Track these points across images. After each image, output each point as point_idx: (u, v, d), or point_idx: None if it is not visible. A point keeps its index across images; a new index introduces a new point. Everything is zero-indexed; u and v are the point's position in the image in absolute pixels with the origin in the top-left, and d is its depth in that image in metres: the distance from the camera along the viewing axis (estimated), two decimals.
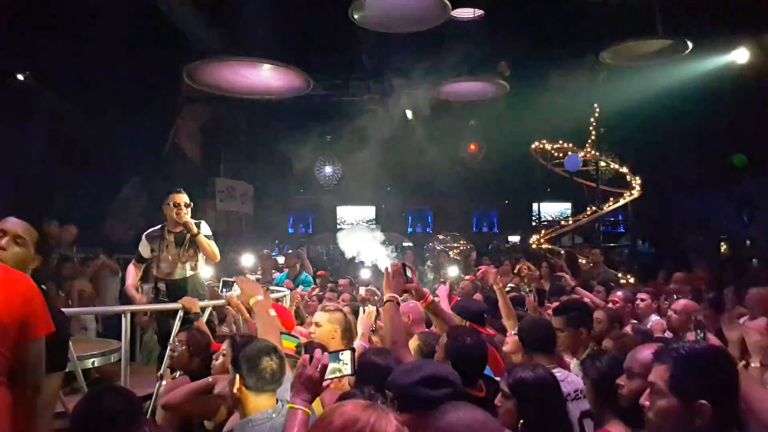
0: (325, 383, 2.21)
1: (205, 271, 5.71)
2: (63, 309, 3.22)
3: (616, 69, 11.05)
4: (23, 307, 2.16)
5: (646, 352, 2.34)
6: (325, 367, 2.18)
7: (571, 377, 3.10)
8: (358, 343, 3.51)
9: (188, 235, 5.18)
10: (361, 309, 3.69)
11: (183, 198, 5.23)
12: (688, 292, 6.20)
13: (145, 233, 5.40)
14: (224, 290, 4.39)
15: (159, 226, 5.36)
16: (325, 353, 2.25)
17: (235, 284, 3.42)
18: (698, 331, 2.39)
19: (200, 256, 5.31)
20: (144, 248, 5.33)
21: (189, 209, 5.24)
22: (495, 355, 3.49)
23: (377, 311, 3.67)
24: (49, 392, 2.25)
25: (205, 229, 5.33)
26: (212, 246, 5.24)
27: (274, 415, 2.36)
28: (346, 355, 2.31)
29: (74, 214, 10.38)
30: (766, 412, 2.13)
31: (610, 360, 2.64)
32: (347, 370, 2.30)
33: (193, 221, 5.21)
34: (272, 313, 3.06)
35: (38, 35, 9.57)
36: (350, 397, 2.17)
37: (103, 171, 11.72)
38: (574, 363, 3.69)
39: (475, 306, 4.19)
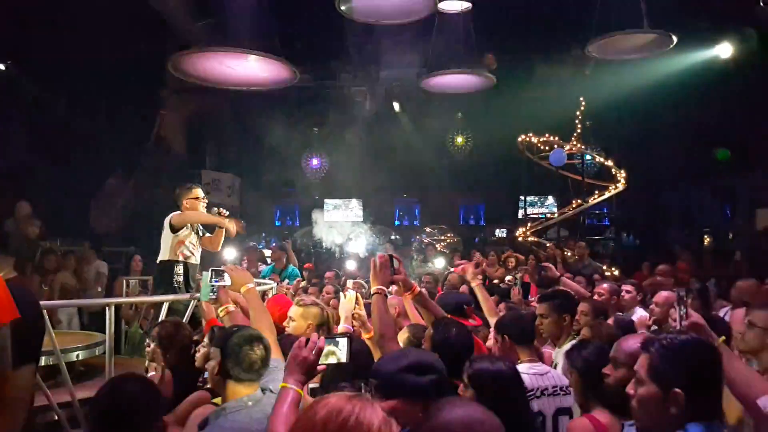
0: (319, 367, 2.22)
1: None
2: (49, 302, 3.19)
3: (602, 62, 11.09)
4: None
5: (631, 342, 2.37)
6: (320, 350, 2.19)
7: (551, 373, 3.12)
8: (342, 326, 3.52)
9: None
10: (341, 294, 3.70)
11: (200, 191, 5.59)
12: (671, 284, 6.26)
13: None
14: (215, 279, 4.38)
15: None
16: (322, 337, 2.26)
17: (225, 273, 3.42)
18: (681, 307, 2.41)
19: None
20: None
21: None
22: (480, 345, 3.51)
23: (356, 297, 3.69)
24: (21, 384, 2.18)
25: None
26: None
27: (249, 403, 2.36)
28: (342, 342, 2.32)
29: (57, 206, 10.29)
30: (742, 385, 2.21)
31: (596, 349, 2.66)
32: (342, 356, 2.31)
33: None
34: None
35: (20, 24, 9.43)
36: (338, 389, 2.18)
37: (87, 162, 11.60)
38: (555, 352, 3.72)
39: (455, 298, 4.21)
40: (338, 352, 2.30)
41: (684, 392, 1.76)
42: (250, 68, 9.64)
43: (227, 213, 5.54)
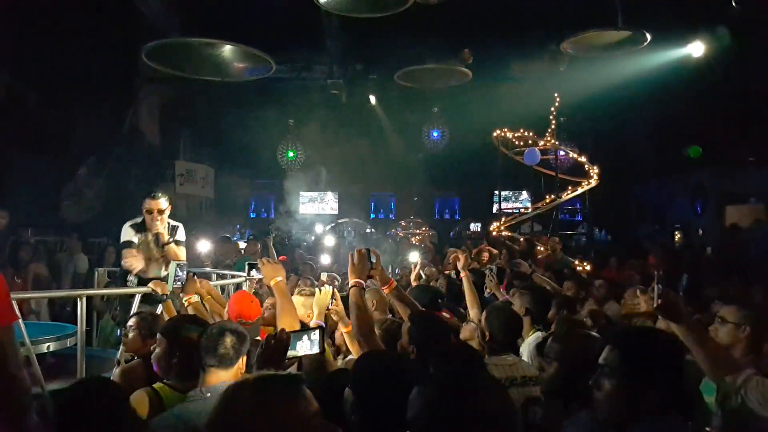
0: (288, 361, 2.23)
1: None
2: (18, 293, 3.16)
3: (577, 59, 11.20)
4: None
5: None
6: (287, 344, 2.20)
7: (521, 363, 3.17)
8: (314, 322, 3.55)
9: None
10: (317, 289, 3.73)
11: (158, 204, 5.09)
12: (638, 280, 6.38)
13: (129, 223, 5.23)
14: (253, 271, 4.47)
15: (141, 219, 5.21)
16: (289, 331, 2.27)
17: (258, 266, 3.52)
18: (658, 285, 2.45)
19: None
20: (131, 236, 5.17)
21: (166, 213, 5.15)
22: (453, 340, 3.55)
23: (333, 291, 3.71)
24: None
25: (180, 234, 5.28)
26: (179, 253, 5.16)
27: (208, 395, 2.38)
28: (313, 334, 2.33)
29: (28, 195, 10.12)
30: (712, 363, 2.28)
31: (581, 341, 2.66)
32: (314, 348, 2.32)
33: (169, 226, 5.17)
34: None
35: None
36: None
37: (59, 152, 11.41)
38: (525, 344, 3.78)
39: (430, 291, 4.26)
40: (310, 345, 2.31)
41: (653, 385, 1.79)
42: (225, 58, 9.57)
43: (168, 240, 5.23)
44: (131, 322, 3.63)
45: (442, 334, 2.91)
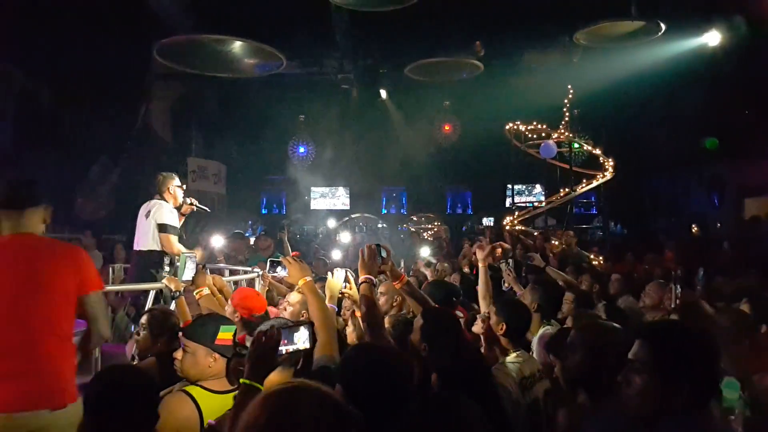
0: (281, 357, 2.20)
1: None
2: None
3: (591, 50, 11.08)
4: None
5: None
6: (277, 342, 2.17)
7: (532, 358, 3.14)
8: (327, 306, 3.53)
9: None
10: (329, 273, 3.69)
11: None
12: (658, 273, 6.29)
13: (171, 207, 5.49)
14: (279, 269, 4.44)
15: (168, 202, 5.48)
16: (280, 329, 2.24)
17: (282, 265, 3.46)
18: (677, 287, 2.39)
19: None
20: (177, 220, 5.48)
21: None
22: (468, 337, 3.50)
23: (346, 275, 3.68)
24: None
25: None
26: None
27: None
28: (303, 330, 2.31)
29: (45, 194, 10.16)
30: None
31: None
32: (304, 344, 2.31)
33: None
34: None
35: (4, 13, 9.27)
36: None
37: (72, 150, 11.48)
38: (535, 339, 3.73)
39: (444, 288, 4.21)
40: (299, 341, 2.30)
41: (686, 379, 1.75)
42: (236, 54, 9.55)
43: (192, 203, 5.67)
44: (143, 320, 3.60)
45: (454, 331, 2.86)
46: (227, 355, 2.67)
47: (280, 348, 2.21)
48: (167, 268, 5.27)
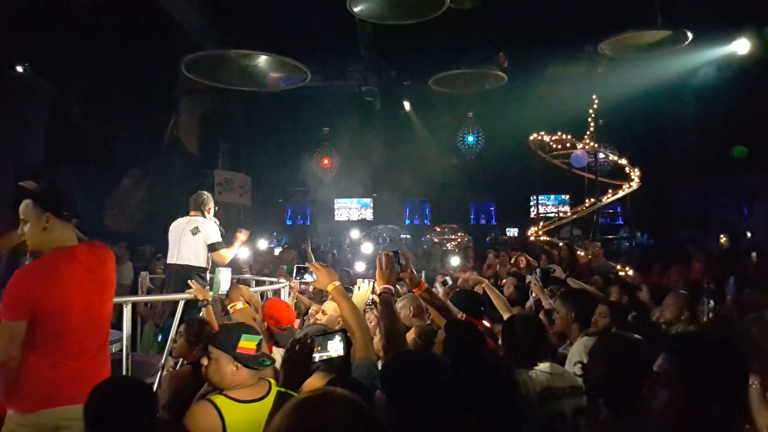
0: (314, 365, 2.23)
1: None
2: None
3: (615, 60, 11.00)
4: None
5: None
6: (311, 350, 2.20)
7: (567, 374, 3.07)
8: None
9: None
10: (355, 286, 3.70)
11: None
12: (684, 285, 6.20)
13: (215, 222, 5.99)
14: (306, 275, 4.45)
15: (206, 216, 5.96)
16: (314, 336, 2.26)
17: (309, 271, 3.48)
18: (708, 301, 2.35)
19: None
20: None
21: None
22: (493, 348, 3.47)
23: (373, 286, 3.67)
24: None
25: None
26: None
27: None
28: (336, 337, 2.33)
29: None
30: None
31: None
32: (338, 351, 2.32)
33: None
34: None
35: (37, 28, 9.53)
36: None
37: (103, 163, 11.71)
38: (574, 349, 3.62)
39: (473, 298, 4.15)
40: (332, 349, 2.31)
41: (714, 395, 1.71)
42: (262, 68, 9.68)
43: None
44: (181, 328, 3.67)
45: (477, 345, 2.84)
46: (249, 364, 2.61)
47: (313, 355, 2.24)
48: (203, 281, 5.37)
